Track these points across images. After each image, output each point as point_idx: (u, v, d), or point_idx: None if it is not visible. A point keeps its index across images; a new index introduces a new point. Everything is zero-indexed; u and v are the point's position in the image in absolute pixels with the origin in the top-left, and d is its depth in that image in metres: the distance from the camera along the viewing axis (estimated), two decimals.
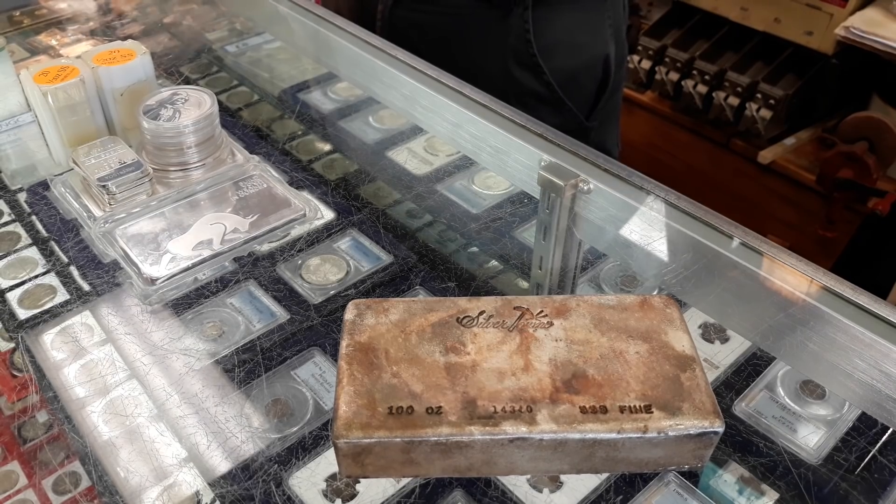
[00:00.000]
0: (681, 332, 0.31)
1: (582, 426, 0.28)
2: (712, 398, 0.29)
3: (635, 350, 0.31)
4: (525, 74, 0.82)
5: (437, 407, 0.29)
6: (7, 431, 0.48)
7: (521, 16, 0.79)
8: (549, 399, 0.29)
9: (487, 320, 0.32)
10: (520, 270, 0.58)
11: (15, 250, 0.59)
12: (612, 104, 0.91)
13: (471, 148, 0.54)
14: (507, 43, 0.81)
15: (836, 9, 1.44)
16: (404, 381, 0.30)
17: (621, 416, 0.28)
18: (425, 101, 0.56)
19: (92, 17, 0.91)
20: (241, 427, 0.46)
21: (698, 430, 0.28)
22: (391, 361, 0.31)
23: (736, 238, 0.41)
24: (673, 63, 1.66)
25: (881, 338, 0.35)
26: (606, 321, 0.32)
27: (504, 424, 0.28)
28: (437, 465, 0.29)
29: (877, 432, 0.46)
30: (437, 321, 0.32)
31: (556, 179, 0.45)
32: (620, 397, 0.29)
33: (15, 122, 0.60)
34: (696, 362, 0.30)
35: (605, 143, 0.92)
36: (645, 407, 0.28)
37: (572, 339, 0.31)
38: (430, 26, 0.83)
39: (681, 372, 0.30)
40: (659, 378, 0.29)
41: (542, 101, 0.84)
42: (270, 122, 0.75)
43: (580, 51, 0.84)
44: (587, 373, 0.30)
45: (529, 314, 0.32)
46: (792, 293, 0.38)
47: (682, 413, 0.28)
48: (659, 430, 0.28)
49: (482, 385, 0.29)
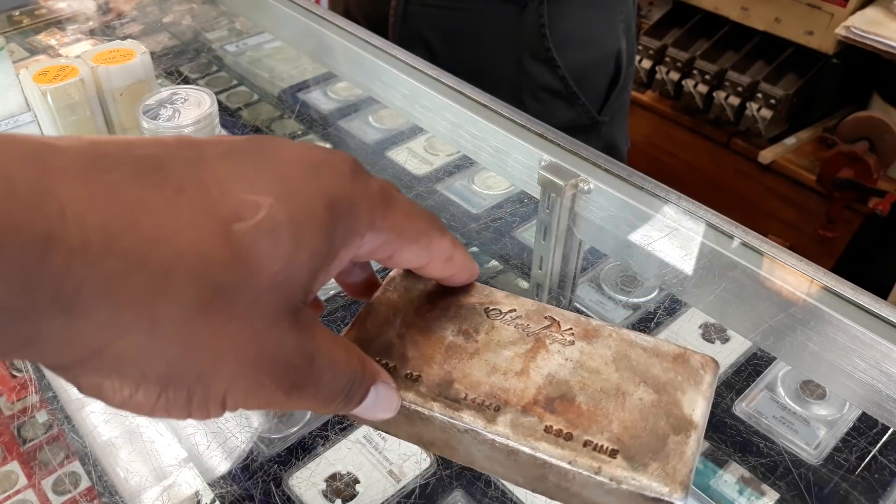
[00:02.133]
0: (700, 398, 0.29)
1: (536, 443, 0.27)
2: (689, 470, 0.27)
3: (639, 396, 0.29)
4: (539, 68, 0.82)
5: (417, 375, 0.29)
6: (7, 431, 0.48)
7: (536, 10, 0.79)
8: (521, 407, 0.28)
9: (513, 319, 0.32)
10: (520, 270, 0.58)
11: None
12: (621, 100, 0.91)
13: (471, 148, 0.54)
14: (522, 37, 0.81)
15: (837, 8, 1.44)
16: (403, 343, 0.30)
17: (582, 449, 0.27)
18: (425, 101, 0.56)
19: (91, 17, 0.91)
20: (241, 427, 0.46)
21: (654, 493, 0.26)
22: (403, 323, 0.31)
23: (736, 238, 0.41)
24: (673, 63, 1.66)
25: (881, 338, 0.35)
26: (629, 359, 0.30)
27: (464, 412, 0.28)
28: (403, 429, 0.30)
29: (877, 432, 0.46)
30: (467, 304, 0.32)
31: (556, 179, 0.45)
32: (593, 432, 0.27)
33: (14, 122, 0.60)
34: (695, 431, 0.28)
35: (615, 139, 0.93)
36: (611, 451, 0.27)
37: (583, 365, 0.30)
38: (443, 21, 0.83)
39: (673, 434, 0.28)
40: (645, 431, 0.28)
41: (555, 96, 0.84)
42: (270, 122, 0.75)
43: (594, 46, 0.85)
44: (575, 399, 0.29)
45: (557, 327, 0.32)
46: (792, 293, 0.38)
47: (644, 470, 0.26)
48: (611, 478, 0.26)
49: (469, 372, 0.29)
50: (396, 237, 0.27)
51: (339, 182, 0.24)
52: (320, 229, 0.23)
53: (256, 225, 0.21)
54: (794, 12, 1.49)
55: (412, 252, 0.28)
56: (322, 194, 0.23)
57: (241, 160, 0.22)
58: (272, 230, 0.21)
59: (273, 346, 0.22)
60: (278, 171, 0.23)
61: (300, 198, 0.22)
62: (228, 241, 0.20)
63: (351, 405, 0.26)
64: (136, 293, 0.19)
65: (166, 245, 0.19)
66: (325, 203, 0.23)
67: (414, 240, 0.28)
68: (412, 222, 0.27)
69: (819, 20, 1.47)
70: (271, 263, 0.21)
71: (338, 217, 0.23)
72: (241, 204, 0.21)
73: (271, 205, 0.22)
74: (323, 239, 0.23)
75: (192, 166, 0.21)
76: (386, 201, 0.26)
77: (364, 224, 0.25)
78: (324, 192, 0.23)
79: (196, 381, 0.21)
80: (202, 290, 0.20)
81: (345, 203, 0.24)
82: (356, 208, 0.24)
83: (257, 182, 0.22)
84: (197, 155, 0.22)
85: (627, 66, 0.89)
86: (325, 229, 0.23)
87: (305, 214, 0.22)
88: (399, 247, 0.27)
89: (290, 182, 0.23)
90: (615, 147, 0.93)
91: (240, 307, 0.21)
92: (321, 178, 0.24)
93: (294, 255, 0.22)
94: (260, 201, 0.21)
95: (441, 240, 0.29)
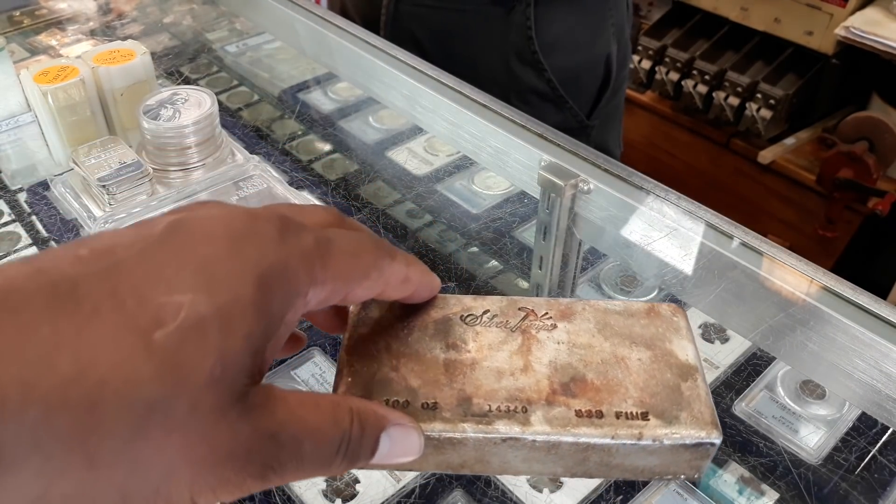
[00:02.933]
0: (686, 342, 0.31)
1: (576, 429, 0.28)
2: (712, 409, 0.29)
3: (637, 357, 0.30)
4: (526, 71, 0.82)
5: (433, 403, 0.28)
6: None
7: (523, 12, 0.79)
8: (545, 401, 0.29)
9: (491, 320, 0.32)
10: (520, 270, 0.58)
11: (15, 250, 0.59)
12: (613, 104, 0.91)
13: (471, 148, 0.54)
14: (509, 39, 0.81)
15: (836, 9, 1.44)
16: (402, 376, 0.29)
17: (617, 421, 0.28)
18: (425, 101, 0.56)
19: (92, 17, 0.91)
20: None
21: (694, 440, 0.28)
22: (392, 355, 0.30)
23: (736, 238, 0.41)
24: (673, 63, 1.66)
25: (881, 338, 0.35)
26: (611, 326, 0.32)
27: (497, 423, 0.28)
28: (431, 460, 0.29)
29: (877, 432, 0.46)
30: (441, 318, 0.32)
31: (556, 179, 0.45)
32: (618, 403, 0.28)
33: (15, 122, 0.60)
34: (698, 372, 0.30)
35: (606, 143, 0.92)
36: (642, 414, 0.28)
37: (575, 343, 0.31)
38: (433, 21, 0.83)
39: (682, 381, 0.29)
40: (659, 386, 0.29)
41: (543, 99, 0.84)
42: (270, 122, 0.75)
43: (581, 49, 0.84)
44: (586, 377, 0.30)
45: (534, 315, 0.32)
46: (792, 293, 0.38)
47: (678, 422, 0.28)
48: (654, 438, 0.27)
49: (479, 383, 0.29)
50: (344, 282, 0.26)
51: (267, 249, 0.23)
52: (251, 308, 0.22)
53: (179, 327, 0.20)
54: (794, 12, 1.49)
55: (365, 288, 0.27)
56: (248, 269, 0.22)
57: (157, 256, 0.22)
58: (196, 327, 0.21)
59: (225, 441, 0.21)
60: (197, 259, 0.22)
61: (223, 282, 0.22)
62: (152, 352, 0.20)
63: (361, 460, 0.25)
64: (64, 436, 0.18)
65: (87, 377, 0.19)
66: (253, 278, 0.22)
67: (363, 277, 0.27)
68: (357, 262, 0.26)
69: (819, 20, 1.47)
70: (203, 362, 0.21)
71: (270, 287, 0.23)
72: (161, 308, 0.21)
73: (192, 300, 0.21)
74: (256, 318, 0.22)
75: (105, 280, 0.21)
76: (323, 251, 0.25)
77: (303, 283, 0.24)
78: (250, 266, 0.22)
79: (155, 496, 0.20)
80: (133, 412, 0.19)
81: (276, 269, 0.23)
82: (290, 270, 0.23)
83: (176, 278, 0.21)
84: (110, 264, 0.21)
85: (619, 70, 0.88)
86: (257, 306, 0.22)
87: (231, 298, 0.22)
88: (349, 289, 0.26)
89: (210, 268, 0.22)
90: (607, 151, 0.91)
91: (178, 416, 0.20)
92: (245, 251, 0.23)
93: (226, 345, 0.21)
94: (180, 300, 0.21)
95: (392, 265, 0.28)
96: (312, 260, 0.24)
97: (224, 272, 0.22)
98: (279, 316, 0.23)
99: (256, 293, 0.22)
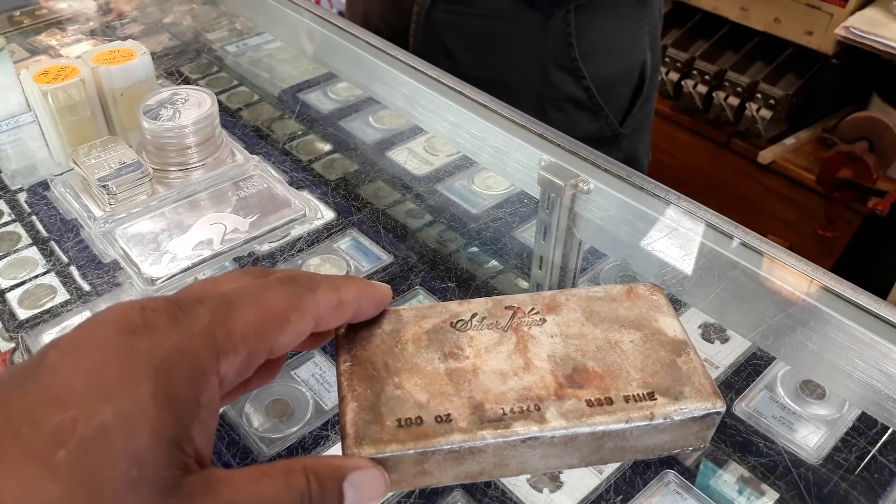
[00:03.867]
0: (670, 318, 0.32)
1: (591, 419, 0.28)
2: (710, 379, 0.30)
3: (629, 339, 0.31)
4: (564, 78, 0.81)
5: (446, 415, 0.28)
6: None
7: (563, 19, 0.77)
8: (554, 395, 0.29)
9: (481, 322, 0.32)
10: (520, 270, 0.58)
11: (15, 250, 0.59)
12: (644, 112, 0.89)
13: (471, 148, 0.54)
14: (547, 46, 0.79)
15: (836, 9, 1.44)
16: (408, 392, 0.29)
17: (627, 405, 0.29)
18: (425, 101, 0.56)
19: (92, 17, 0.91)
20: (241, 427, 0.47)
21: (702, 412, 0.29)
22: (391, 373, 0.30)
23: (736, 238, 0.41)
24: (673, 63, 1.66)
25: (881, 338, 0.35)
26: (597, 313, 0.32)
27: (515, 425, 0.28)
28: (450, 472, 0.29)
29: (877, 432, 0.46)
30: (432, 328, 0.32)
31: (556, 179, 0.45)
32: (623, 387, 0.29)
33: (15, 122, 0.60)
34: (689, 345, 0.31)
35: (636, 152, 0.91)
36: (648, 394, 0.29)
37: (567, 334, 0.31)
38: (466, 28, 0.81)
39: (676, 357, 0.30)
40: (657, 365, 0.30)
41: (579, 107, 0.83)
42: (270, 122, 0.75)
43: (619, 56, 0.83)
44: (587, 366, 0.30)
45: (521, 312, 0.32)
46: (792, 293, 0.38)
47: (684, 397, 0.29)
48: (665, 416, 0.28)
49: (486, 388, 0.29)
50: (259, 339, 0.24)
51: (158, 339, 0.22)
52: (151, 403, 0.21)
53: (78, 441, 0.20)
54: (794, 13, 1.49)
55: (291, 334, 0.26)
56: (141, 365, 0.22)
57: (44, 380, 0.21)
58: (97, 437, 0.20)
59: None
60: (84, 370, 0.21)
61: (115, 385, 0.21)
62: (56, 474, 0.20)
63: None
64: None
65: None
66: (148, 372, 0.22)
67: (282, 325, 0.25)
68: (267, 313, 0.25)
69: (818, 20, 1.47)
70: (114, 468, 0.20)
71: (169, 376, 0.22)
72: (57, 428, 0.20)
73: (86, 411, 0.20)
74: (159, 410, 0.21)
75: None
76: (223, 319, 0.24)
77: (208, 360, 0.23)
78: (142, 361, 0.22)
79: None
80: None
81: (171, 356, 0.22)
82: (187, 353, 0.23)
83: (67, 395, 0.21)
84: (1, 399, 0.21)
85: (652, 77, 0.87)
86: (158, 399, 0.21)
87: (127, 399, 0.21)
88: (271, 341, 0.25)
89: (100, 374, 0.21)
90: (636, 159, 0.91)
91: None
92: (136, 347, 0.22)
93: (134, 445, 0.21)
94: (74, 415, 0.20)
95: (315, 297, 0.27)
96: (212, 333, 0.23)
97: (115, 375, 0.21)
98: (190, 400, 0.22)
99: (154, 386, 0.21)
